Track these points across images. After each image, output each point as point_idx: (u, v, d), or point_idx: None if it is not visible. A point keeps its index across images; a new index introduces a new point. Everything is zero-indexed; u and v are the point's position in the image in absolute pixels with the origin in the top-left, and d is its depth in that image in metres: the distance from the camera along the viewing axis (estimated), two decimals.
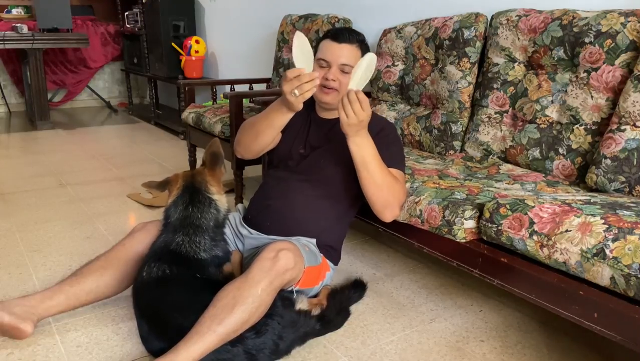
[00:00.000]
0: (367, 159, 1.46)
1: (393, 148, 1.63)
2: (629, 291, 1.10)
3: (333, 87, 1.60)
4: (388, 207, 1.54)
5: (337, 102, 1.59)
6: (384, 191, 1.51)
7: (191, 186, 1.55)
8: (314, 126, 1.72)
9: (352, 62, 1.57)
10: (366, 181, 1.49)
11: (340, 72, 1.59)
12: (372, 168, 1.47)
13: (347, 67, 1.58)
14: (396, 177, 1.55)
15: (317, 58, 1.61)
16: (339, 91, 1.60)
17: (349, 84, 1.41)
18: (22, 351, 1.44)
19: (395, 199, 1.54)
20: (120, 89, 6.14)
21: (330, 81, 1.58)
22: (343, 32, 1.62)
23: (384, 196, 1.52)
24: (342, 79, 1.59)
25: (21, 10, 5.22)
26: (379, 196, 1.52)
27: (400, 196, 1.56)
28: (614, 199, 1.39)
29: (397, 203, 1.56)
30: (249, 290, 1.29)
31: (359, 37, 1.64)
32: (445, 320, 1.66)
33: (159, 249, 1.49)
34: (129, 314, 1.61)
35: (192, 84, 3.28)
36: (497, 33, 1.98)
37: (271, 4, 3.56)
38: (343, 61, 1.58)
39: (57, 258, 2.03)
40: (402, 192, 1.57)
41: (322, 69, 1.60)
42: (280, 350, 1.37)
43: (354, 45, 1.60)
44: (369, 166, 1.47)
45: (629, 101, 1.54)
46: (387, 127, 1.70)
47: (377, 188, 1.50)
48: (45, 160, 3.59)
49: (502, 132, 1.96)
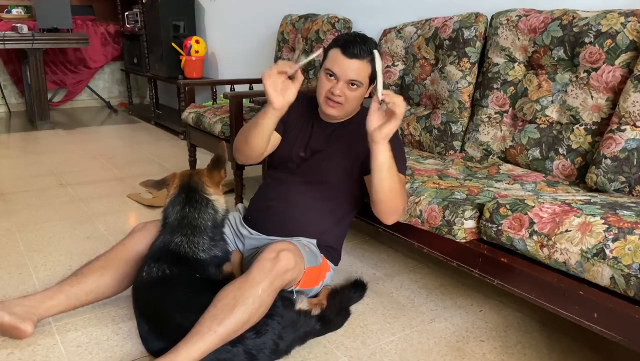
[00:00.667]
0: (389, 162, 1.43)
1: (394, 152, 1.59)
2: (629, 291, 1.10)
3: (339, 101, 1.57)
4: (395, 213, 1.54)
5: (341, 115, 1.61)
6: (395, 196, 1.49)
7: (188, 185, 1.55)
8: (316, 129, 1.70)
9: (361, 78, 1.54)
10: (381, 184, 1.45)
11: (348, 86, 1.55)
12: (389, 171, 1.44)
13: (356, 83, 1.54)
14: (403, 183, 1.55)
15: (325, 67, 1.57)
16: (343, 105, 1.58)
17: (379, 93, 1.35)
18: (22, 351, 1.44)
19: (401, 203, 1.53)
20: (120, 89, 6.14)
21: (337, 96, 1.55)
22: (354, 44, 1.52)
23: (394, 201, 1.50)
24: (348, 93, 1.55)
25: (21, 10, 5.22)
26: (389, 200, 1.49)
27: (406, 202, 1.56)
28: (614, 199, 1.39)
29: (403, 208, 1.56)
30: (249, 290, 1.29)
31: (370, 49, 1.52)
32: (445, 320, 1.66)
33: (158, 250, 1.49)
34: (129, 314, 1.61)
35: (192, 84, 3.28)
36: (497, 33, 1.98)
37: (271, 4, 3.56)
38: (352, 76, 1.53)
39: (57, 258, 2.03)
40: (406, 197, 1.57)
41: (328, 80, 1.56)
42: (280, 350, 1.37)
43: (364, 60, 1.53)
44: (391, 170, 1.44)
45: (629, 101, 1.54)
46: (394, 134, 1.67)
47: (390, 192, 1.47)
48: (45, 160, 3.58)
49: (502, 132, 1.96)
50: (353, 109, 1.64)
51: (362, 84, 1.56)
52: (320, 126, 1.70)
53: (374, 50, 1.43)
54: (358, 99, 1.61)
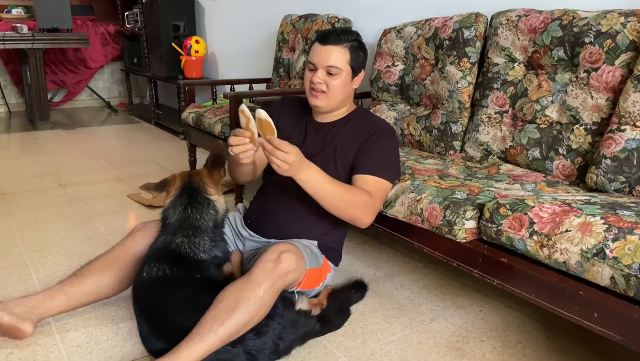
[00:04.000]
0: (319, 189, 1.45)
1: (379, 155, 1.58)
2: (629, 291, 1.10)
3: (320, 89, 1.58)
4: (356, 220, 1.53)
5: (327, 105, 1.61)
6: (346, 210, 1.50)
7: (189, 187, 1.55)
8: (310, 131, 1.70)
9: (339, 64, 1.55)
10: (325, 206, 1.49)
11: (327, 74, 1.56)
12: (326, 195, 1.46)
13: (333, 69, 1.55)
14: (359, 190, 1.51)
15: (307, 62, 1.61)
16: (327, 93, 1.58)
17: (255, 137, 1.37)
18: (22, 351, 1.44)
19: (360, 212, 1.51)
20: (120, 89, 6.14)
21: (317, 84, 1.57)
22: (331, 33, 1.58)
23: (348, 213, 1.51)
24: (329, 81, 1.57)
25: (21, 10, 5.22)
26: (342, 215, 1.51)
27: (367, 207, 1.52)
28: (614, 199, 1.39)
29: (364, 214, 1.53)
30: (250, 292, 1.29)
31: (350, 37, 1.58)
32: (445, 320, 1.66)
33: (158, 250, 1.49)
34: (129, 314, 1.61)
35: (192, 84, 3.29)
36: (497, 33, 1.98)
37: (271, 4, 3.56)
38: (329, 63, 1.55)
39: (57, 258, 2.03)
40: (370, 203, 1.52)
41: (310, 72, 1.60)
42: (280, 350, 1.37)
43: (340, 46, 1.56)
44: (322, 194, 1.46)
45: (629, 101, 1.54)
46: (380, 132, 1.62)
47: (338, 210, 1.49)
48: (45, 160, 3.58)
49: (502, 132, 1.96)
50: (340, 100, 1.62)
51: (340, 70, 1.56)
52: (314, 127, 1.70)
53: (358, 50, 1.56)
54: (342, 88, 1.59)
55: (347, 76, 1.58)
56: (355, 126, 1.64)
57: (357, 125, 1.64)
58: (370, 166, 1.56)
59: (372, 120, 1.69)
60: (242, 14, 3.98)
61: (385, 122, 1.73)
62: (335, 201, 1.47)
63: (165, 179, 1.58)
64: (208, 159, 1.61)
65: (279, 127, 1.71)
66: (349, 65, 1.57)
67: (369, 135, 1.60)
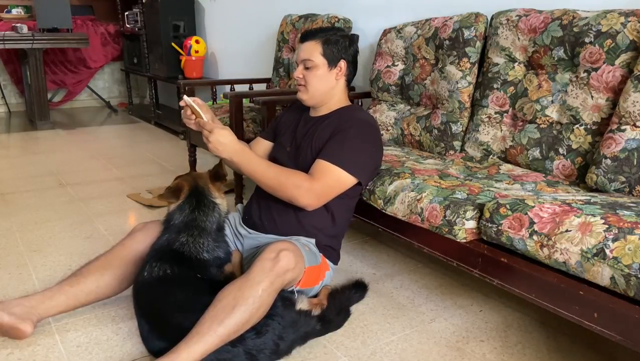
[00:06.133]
0: (251, 170, 1.53)
1: (340, 144, 1.56)
2: (629, 291, 1.10)
3: (300, 83, 1.66)
4: (294, 201, 1.53)
5: (309, 98, 1.68)
6: (280, 190, 1.53)
7: (196, 191, 1.57)
8: (300, 125, 1.74)
9: (312, 57, 1.62)
10: (262, 187, 1.57)
11: (305, 68, 1.65)
12: (260, 176, 1.54)
13: (308, 61, 1.63)
14: (296, 172, 1.54)
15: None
16: (305, 86, 1.65)
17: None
18: (22, 351, 1.44)
19: (296, 192, 1.50)
20: (120, 89, 6.14)
21: (297, 79, 1.66)
22: (308, 31, 1.68)
23: (285, 194, 1.53)
24: (307, 74, 1.64)
25: (21, 10, 5.22)
26: (279, 195, 1.55)
27: (303, 188, 1.50)
28: (614, 199, 1.39)
29: (301, 195, 1.51)
30: (249, 291, 1.29)
31: (326, 32, 1.65)
32: (445, 320, 1.66)
33: (160, 249, 1.49)
34: (129, 314, 1.61)
35: (192, 84, 3.29)
36: (497, 33, 1.98)
37: (271, 4, 3.56)
38: (302, 56, 1.64)
39: (57, 258, 2.03)
40: (306, 184, 1.51)
41: (295, 70, 1.71)
42: (280, 350, 1.37)
43: (313, 40, 1.64)
44: (257, 175, 1.54)
45: (629, 101, 1.54)
46: (353, 122, 1.60)
47: (272, 189, 1.55)
48: (45, 160, 3.59)
49: (502, 132, 1.96)
50: (322, 92, 1.66)
51: (314, 62, 1.62)
52: (306, 121, 1.74)
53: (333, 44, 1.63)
54: (319, 80, 1.64)
55: (323, 68, 1.64)
56: (339, 119, 1.65)
57: (341, 118, 1.66)
58: (325, 151, 1.56)
59: (355, 114, 1.67)
60: (242, 14, 3.98)
61: (366, 116, 1.72)
62: (268, 180, 1.53)
63: (177, 186, 1.58)
64: (210, 173, 1.64)
65: (280, 126, 1.81)
66: (323, 57, 1.63)
67: (342, 125, 1.60)
